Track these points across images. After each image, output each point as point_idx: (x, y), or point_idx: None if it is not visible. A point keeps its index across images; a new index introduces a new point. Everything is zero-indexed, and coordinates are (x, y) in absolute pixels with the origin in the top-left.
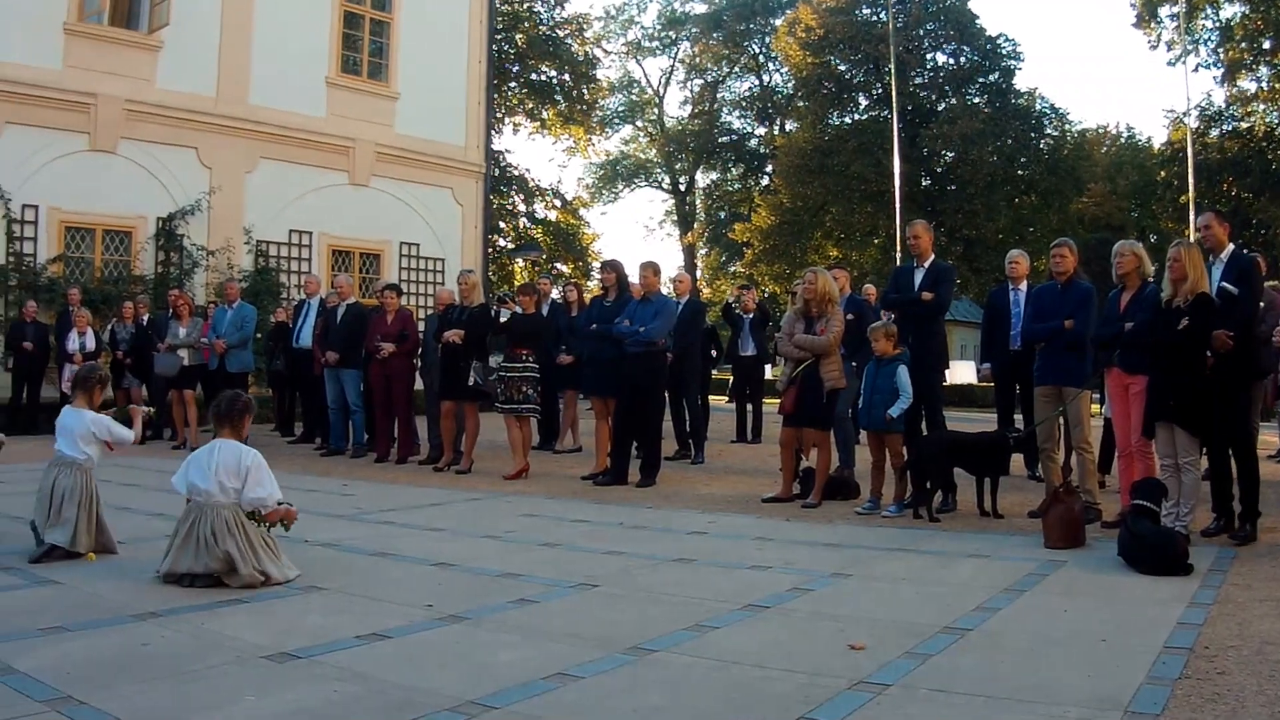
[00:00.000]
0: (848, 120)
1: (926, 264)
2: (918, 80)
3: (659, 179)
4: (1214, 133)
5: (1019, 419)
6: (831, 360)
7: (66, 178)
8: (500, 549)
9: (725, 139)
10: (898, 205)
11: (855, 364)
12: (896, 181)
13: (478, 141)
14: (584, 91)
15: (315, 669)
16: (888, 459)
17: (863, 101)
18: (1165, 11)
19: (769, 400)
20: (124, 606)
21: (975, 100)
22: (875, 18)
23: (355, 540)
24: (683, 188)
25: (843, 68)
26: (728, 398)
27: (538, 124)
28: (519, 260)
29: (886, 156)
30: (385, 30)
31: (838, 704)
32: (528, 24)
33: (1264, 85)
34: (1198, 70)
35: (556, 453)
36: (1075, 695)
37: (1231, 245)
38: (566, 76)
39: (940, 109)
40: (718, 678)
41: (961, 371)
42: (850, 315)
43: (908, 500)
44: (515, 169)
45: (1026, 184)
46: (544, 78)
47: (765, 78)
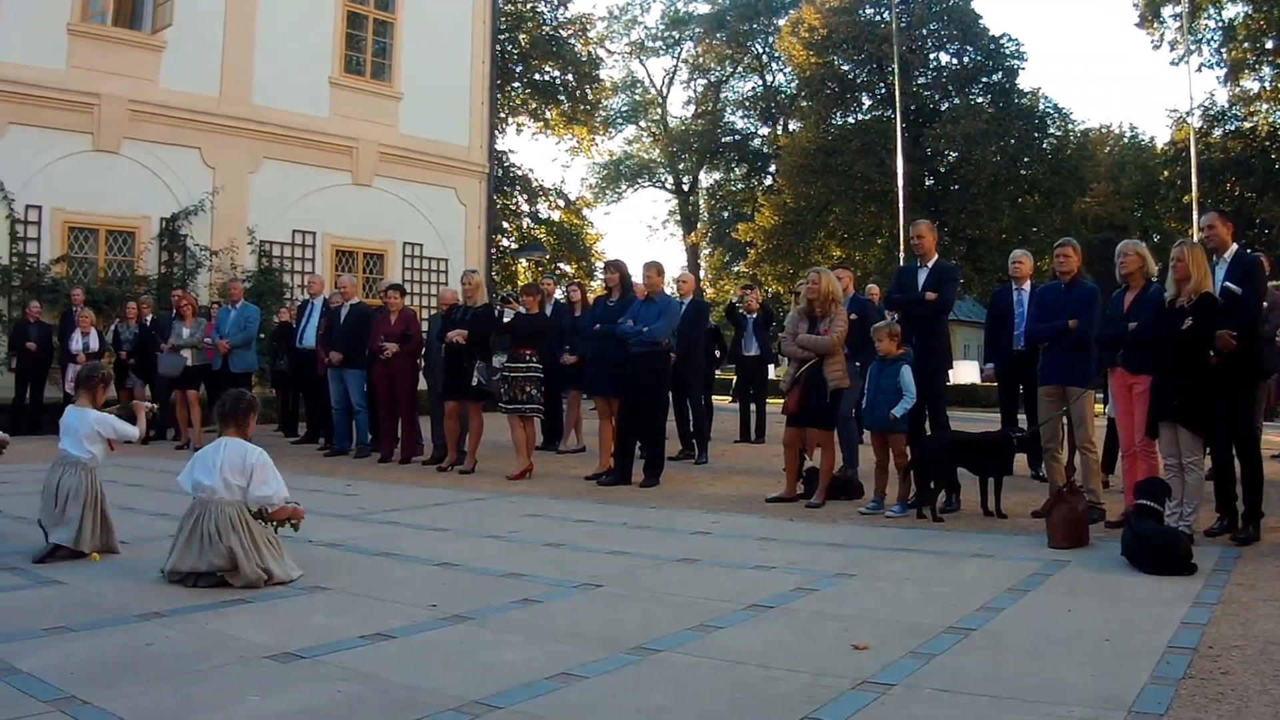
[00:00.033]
0: (851, 120)
1: (930, 264)
2: (921, 80)
3: (662, 179)
4: (1217, 132)
5: (1022, 419)
6: (835, 360)
7: (70, 178)
8: (504, 549)
9: (729, 139)
10: (901, 205)
11: (859, 364)
12: (900, 181)
13: (481, 141)
14: (587, 91)
15: (319, 669)
16: (891, 459)
17: (866, 101)
18: (1168, 11)
19: (772, 400)
20: (127, 606)
21: (978, 100)
22: (878, 17)
23: (359, 540)
24: (686, 188)
25: (846, 67)
26: (731, 398)
27: (541, 124)
28: (522, 260)
29: (890, 156)
30: (388, 30)
31: (842, 704)
32: (531, 24)
33: (1267, 85)
34: (1201, 70)
35: (560, 453)
36: (1079, 695)
37: (1235, 245)
38: (570, 76)
39: (943, 109)
40: (722, 678)
41: (965, 371)
42: (854, 315)
43: (911, 500)
44: (519, 169)
45: (1030, 184)
46: (547, 78)
47: (768, 77)
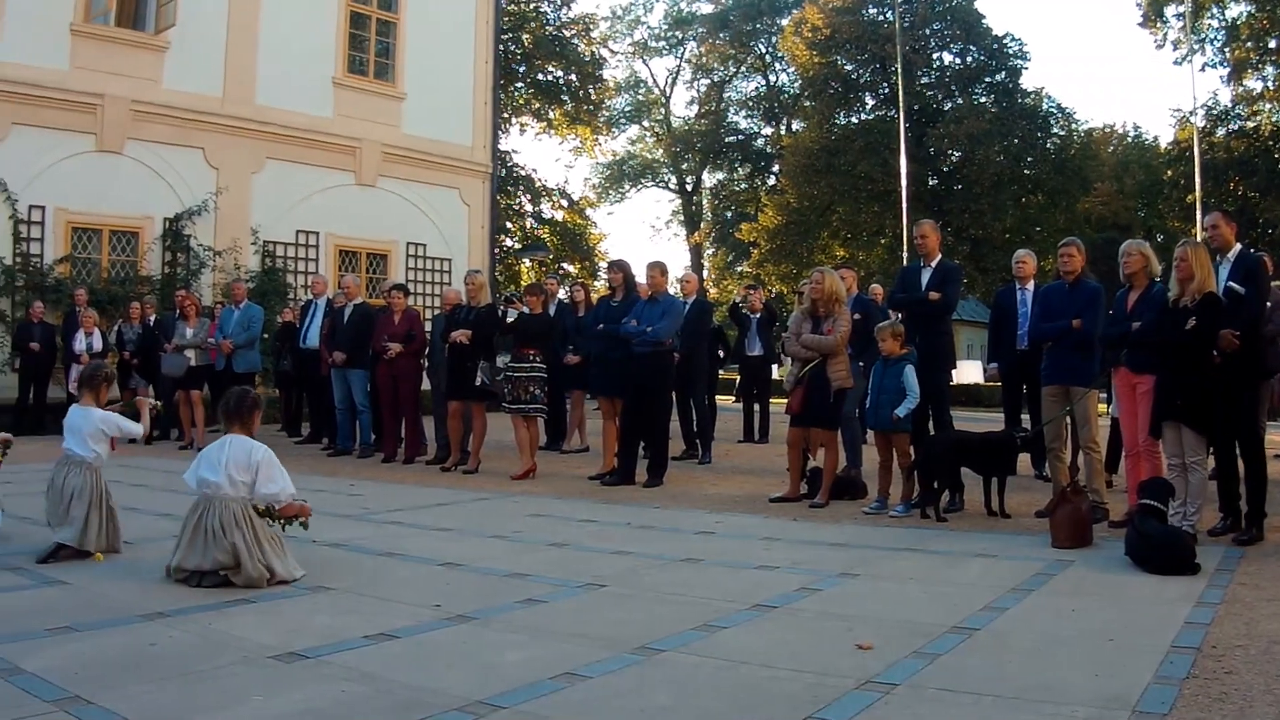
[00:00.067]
0: (854, 120)
1: (933, 263)
2: (924, 80)
3: (665, 179)
4: (1220, 132)
5: (1026, 419)
6: (838, 360)
7: (73, 178)
8: (508, 549)
9: (732, 139)
10: (904, 205)
11: (862, 364)
12: (903, 181)
13: (484, 141)
14: (590, 91)
15: (323, 669)
16: (895, 459)
17: (869, 101)
18: (1171, 11)
19: (776, 400)
20: (131, 606)
21: (982, 100)
22: (882, 17)
23: (362, 540)
24: (689, 188)
25: (849, 67)
26: (735, 398)
27: (544, 124)
28: (526, 260)
29: (893, 156)
30: (391, 30)
31: (845, 704)
32: (534, 24)
33: (1270, 84)
34: (1204, 69)
35: (563, 453)
36: (1083, 695)
37: (1238, 245)
38: (573, 76)
39: (947, 109)
40: (725, 677)
41: (968, 371)
42: (857, 315)
43: (915, 500)
44: (522, 169)
45: (1033, 183)
46: (550, 78)
47: (772, 77)
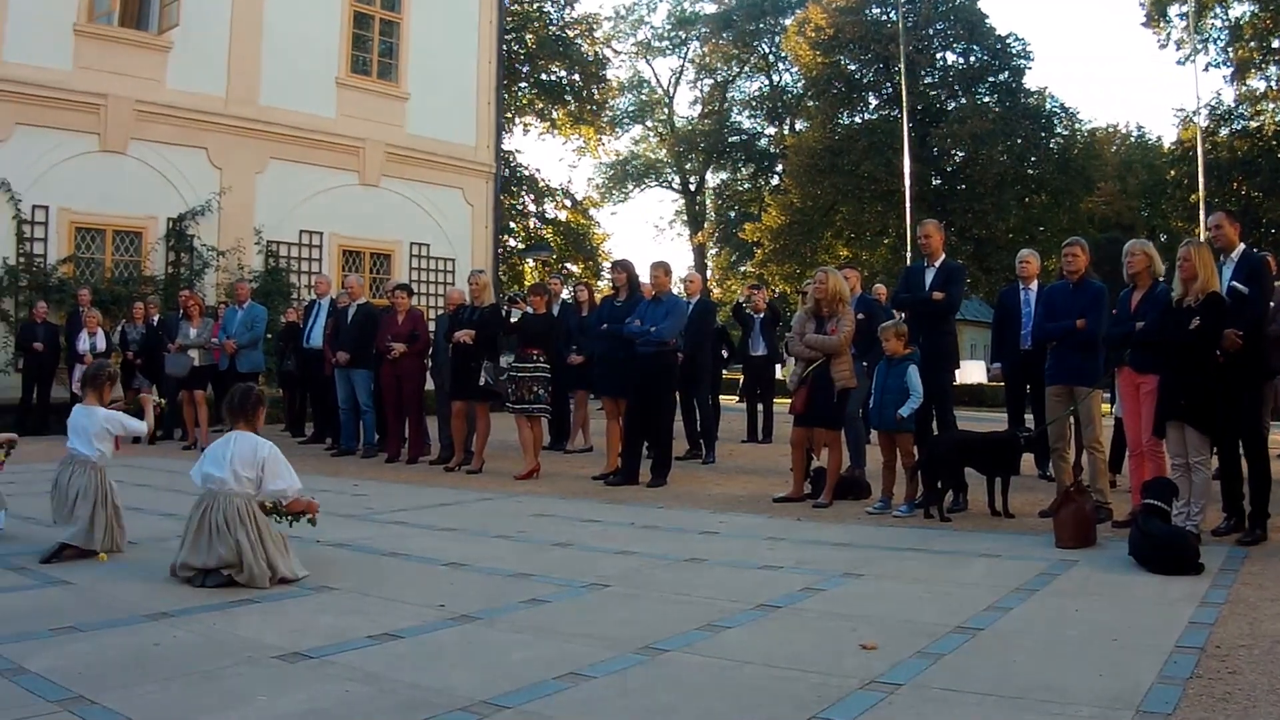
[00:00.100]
0: (858, 120)
1: (937, 263)
2: (928, 80)
3: (669, 179)
4: (1224, 132)
5: (1029, 419)
6: (842, 360)
7: (77, 178)
8: (512, 549)
9: (735, 139)
10: (908, 205)
11: (866, 364)
12: (907, 181)
13: (488, 141)
14: (594, 91)
15: (327, 669)
16: (899, 459)
17: (873, 101)
18: (1174, 10)
19: (780, 400)
20: (135, 606)
21: (985, 99)
22: (885, 17)
23: (366, 540)
24: (693, 187)
25: (853, 67)
26: (738, 397)
27: (548, 124)
28: (529, 260)
29: (897, 156)
30: (395, 30)
31: (850, 704)
32: (537, 24)
33: (1273, 84)
34: (1207, 69)
35: (567, 453)
36: (1087, 694)
37: (1242, 245)
38: (576, 76)
39: (950, 108)
40: (730, 677)
41: (972, 371)
42: (861, 315)
43: (919, 500)
44: (525, 169)
45: (1036, 183)
46: (554, 78)
47: (775, 77)
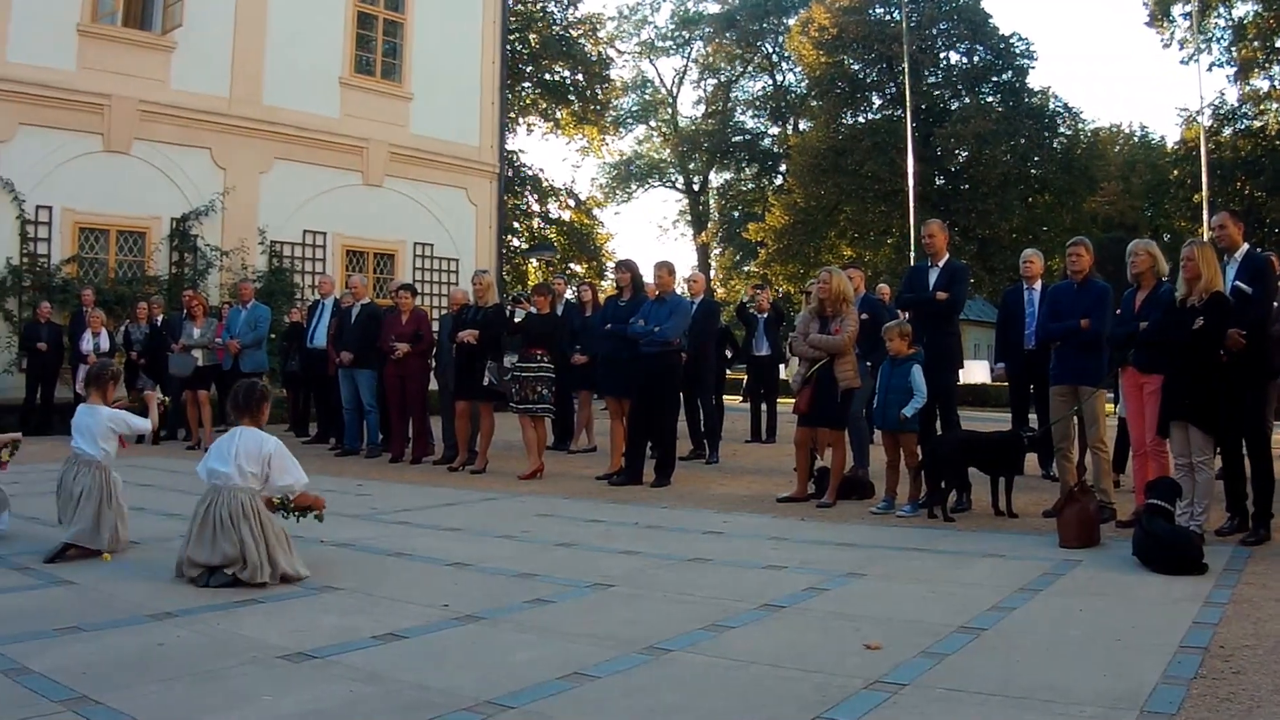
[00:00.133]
0: (861, 120)
1: (941, 263)
2: (931, 79)
3: (673, 179)
4: (1227, 131)
5: (1033, 418)
6: (846, 360)
7: (80, 179)
8: (515, 549)
9: (739, 139)
10: (912, 205)
11: (870, 363)
12: (910, 181)
13: (492, 142)
14: (597, 91)
15: (331, 669)
16: (902, 459)
17: (876, 101)
18: (1178, 10)
19: (783, 400)
20: (139, 606)
21: (989, 99)
22: (888, 17)
23: (370, 540)
24: (696, 187)
25: (856, 67)
26: (742, 397)
27: (551, 124)
28: (533, 260)
29: (900, 156)
30: (398, 30)
31: (854, 703)
32: (541, 24)
33: (1277, 84)
34: (1211, 69)
35: (571, 453)
36: (1091, 694)
37: (1245, 245)
38: (580, 76)
39: (954, 108)
40: (734, 677)
41: (976, 371)
42: (865, 315)
43: (922, 500)
44: (529, 169)
45: (1040, 183)
46: (557, 78)
47: (779, 77)
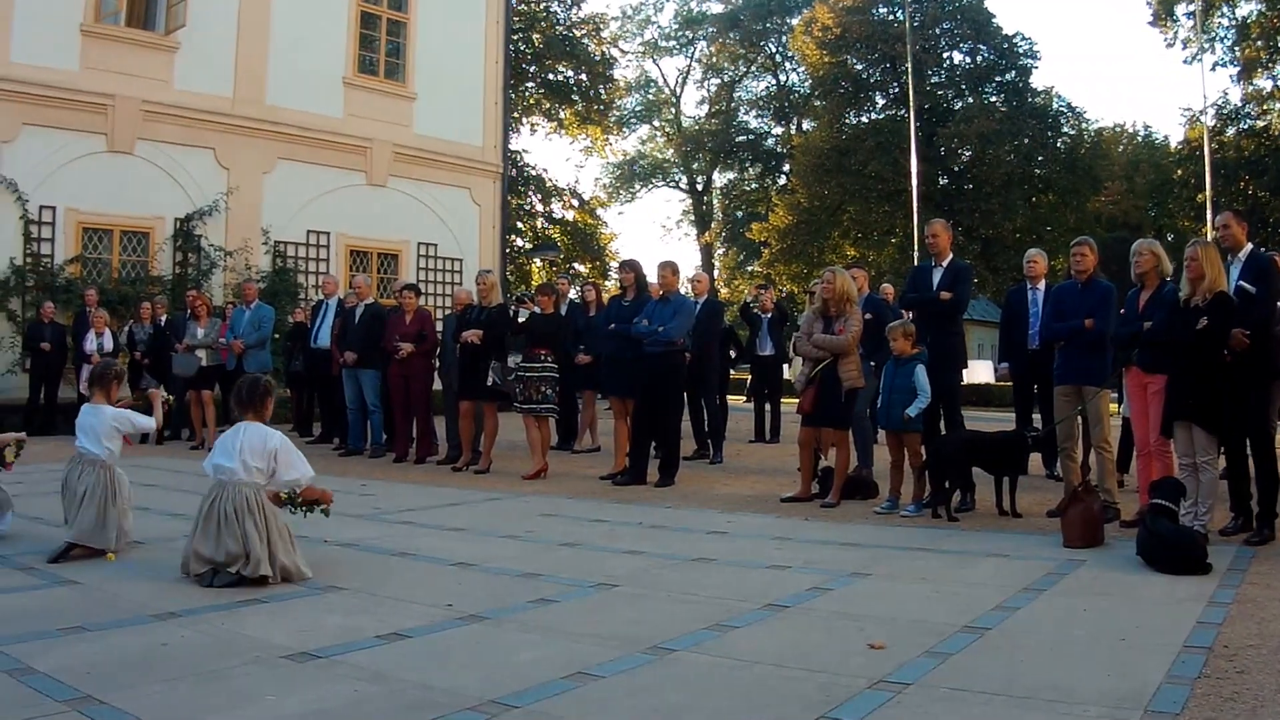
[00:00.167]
0: (865, 119)
1: (945, 263)
2: (934, 79)
3: (676, 179)
4: (1230, 131)
5: (1037, 418)
6: (850, 360)
7: (84, 179)
8: (519, 549)
9: (742, 138)
10: (915, 204)
11: (874, 363)
12: (914, 181)
13: (495, 141)
14: (601, 91)
15: (335, 669)
16: (906, 458)
17: (879, 101)
18: (1181, 9)
19: (787, 400)
20: (143, 606)
21: (992, 99)
22: (892, 17)
23: (374, 540)
24: (700, 187)
25: (859, 67)
26: (746, 397)
27: (555, 124)
28: (537, 260)
29: (904, 156)
30: (402, 30)
31: (858, 703)
32: (544, 24)
33: None
34: (1214, 69)
35: (575, 453)
36: (1095, 694)
37: (1249, 244)
38: (583, 76)
39: (957, 108)
40: (738, 677)
41: (979, 371)
42: (868, 315)
43: (926, 500)
44: (533, 169)
45: (1044, 183)
46: (561, 78)
47: (782, 77)
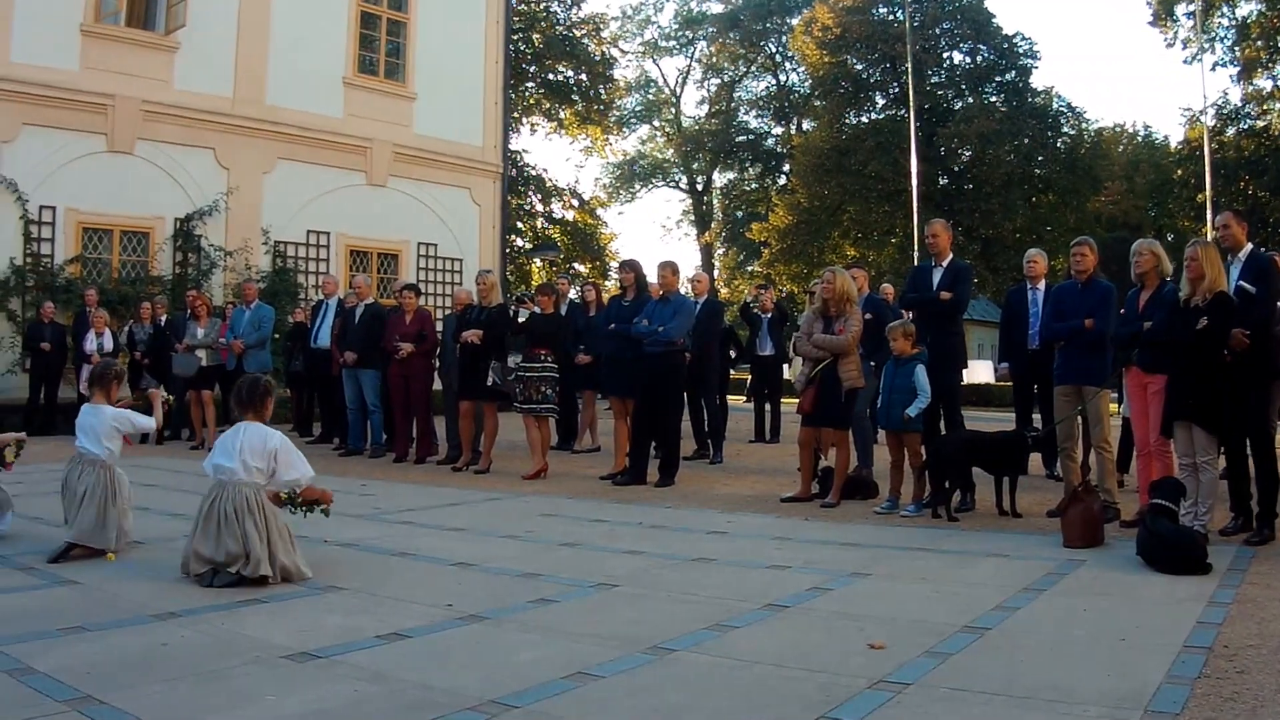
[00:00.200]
0: (865, 119)
1: (945, 263)
2: (934, 79)
3: (676, 179)
4: (1230, 131)
5: (1037, 418)
6: (850, 360)
7: (84, 179)
8: (519, 549)
9: (742, 138)
10: (915, 204)
11: (874, 363)
12: (914, 181)
13: (495, 141)
14: (601, 91)
15: (335, 669)
16: (906, 458)
17: (879, 101)
18: (1181, 9)
19: (787, 400)
20: (143, 606)
21: (992, 99)
22: (892, 17)
23: (374, 540)
24: (700, 187)
25: (859, 67)
26: (746, 397)
27: (555, 124)
28: (537, 260)
29: (904, 156)
30: (402, 30)
31: (858, 703)
32: (544, 24)
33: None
34: (1214, 69)
35: (575, 453)
36: (1095, 694)
37: (1249, 244)
38: (583, 76)
39: (957, 108)
40: (738, 677)
41: (979, 371)
42: (868, 315)
43: (926, 500)
44: (533, 169)
45: (1044, 183)
46: (561, 78)
47: (782, 77)
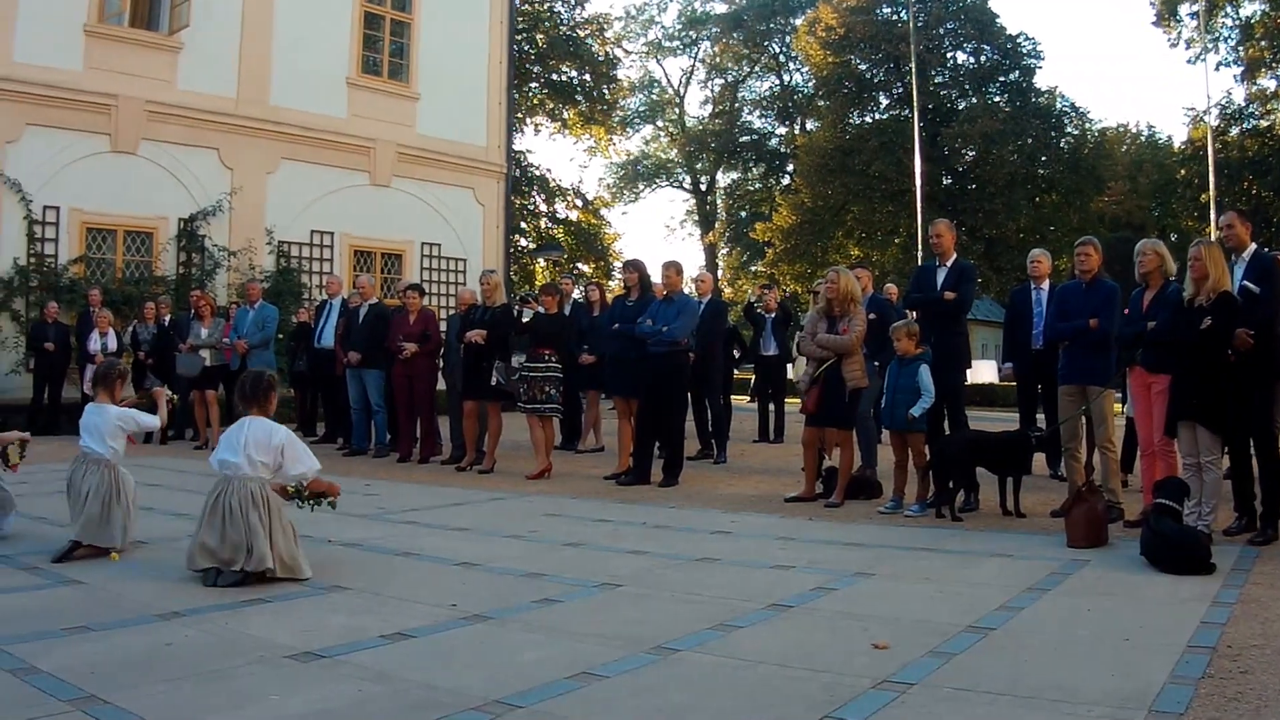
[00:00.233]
0: (868, 119)
1: (948, 263)
2: (938, 79)
3: (680, 179)
4: (1234, 131)
5: (1041, 418)
6: (854, 360)
7: (88, 179)
8: (523, 549)
9: (746, 138)
10: (919, 204)
11: (877, 363)
12: (917, 181)
13: (499, 142)
14: (604, 91)
15: (339, 668)
16: (910, 458)
17: (883, 101)
18: (1185, 9)
19: (791, 400)
20: (147, 606)
21: (996, 99)
22: (895, 17)
23: (378, 540)
24: (704, 187)
25: (863, 67)
26: (750, 397)
27: (559, 124)
28: (540, 260)
29: (907, 156)
30: (405, 31)
31: (862, 703)
32: (548, 24)
33: None
34: (1218, 69)
35: (579, 452)
36: (1099, 694)
37: (1253, 244)
38: (587, 76)
39: (961, 108)
40: (742, 677)
41: (983, 371)
42: (872, 315)
43: (930, 500)
44: (536, 169)
45: (1047, 183)
46: (565, 78)
47: (786, 77)
